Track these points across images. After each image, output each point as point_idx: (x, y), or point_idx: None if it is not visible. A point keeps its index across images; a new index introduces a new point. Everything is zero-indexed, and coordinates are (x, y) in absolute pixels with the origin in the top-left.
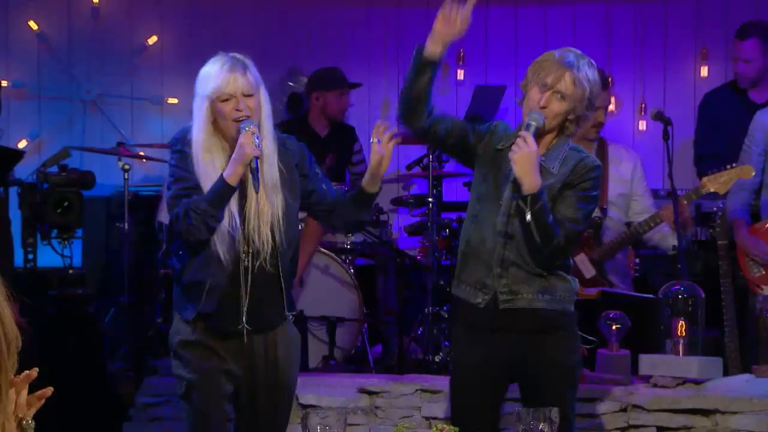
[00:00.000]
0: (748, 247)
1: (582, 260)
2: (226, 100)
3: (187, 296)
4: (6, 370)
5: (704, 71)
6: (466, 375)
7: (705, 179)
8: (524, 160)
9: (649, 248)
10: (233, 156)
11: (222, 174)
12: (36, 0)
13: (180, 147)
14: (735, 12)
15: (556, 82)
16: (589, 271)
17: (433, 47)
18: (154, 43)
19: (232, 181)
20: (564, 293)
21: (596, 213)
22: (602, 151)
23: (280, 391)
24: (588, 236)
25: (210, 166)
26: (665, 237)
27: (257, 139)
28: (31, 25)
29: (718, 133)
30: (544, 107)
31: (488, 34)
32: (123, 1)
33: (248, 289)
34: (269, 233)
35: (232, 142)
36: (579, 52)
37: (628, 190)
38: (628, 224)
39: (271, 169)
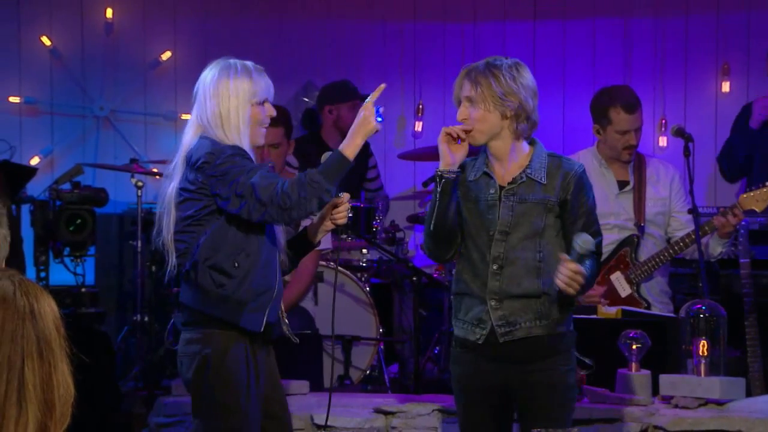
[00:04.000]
0: None
1: (618, 278)
2: (262, 104)
3: (247, 307)
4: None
5: (726, 87)
6: (468, 394)
7: (743, 197)
8: None
9: (685, 266)
10: (354, 129)
11: (339, 149)
12: (49, 16)
13: (238, 151)
14: (756, 27)
15: (460, 92)
16: (624, 290)
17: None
18: (168, 59)
19: (351, 155)
20: (561, 314)
21: (633, 231)
22: (640, 171)
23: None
24: (624, 254)
25: None
26: (709, 246)
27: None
28: (44, 41)
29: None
30: (465, 119)
31: (506, 47)
32: (137, 16)
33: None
34: None
35: (254, 148)
36: (498, 58)
37: (666, 207)
38: (669, 240)
39: None
